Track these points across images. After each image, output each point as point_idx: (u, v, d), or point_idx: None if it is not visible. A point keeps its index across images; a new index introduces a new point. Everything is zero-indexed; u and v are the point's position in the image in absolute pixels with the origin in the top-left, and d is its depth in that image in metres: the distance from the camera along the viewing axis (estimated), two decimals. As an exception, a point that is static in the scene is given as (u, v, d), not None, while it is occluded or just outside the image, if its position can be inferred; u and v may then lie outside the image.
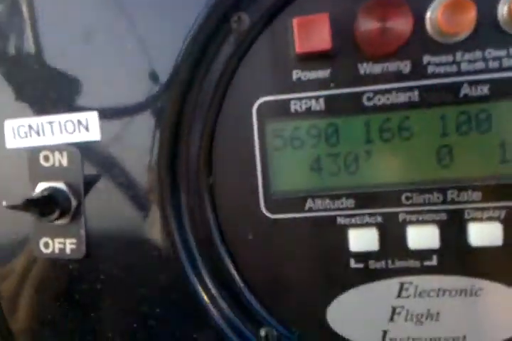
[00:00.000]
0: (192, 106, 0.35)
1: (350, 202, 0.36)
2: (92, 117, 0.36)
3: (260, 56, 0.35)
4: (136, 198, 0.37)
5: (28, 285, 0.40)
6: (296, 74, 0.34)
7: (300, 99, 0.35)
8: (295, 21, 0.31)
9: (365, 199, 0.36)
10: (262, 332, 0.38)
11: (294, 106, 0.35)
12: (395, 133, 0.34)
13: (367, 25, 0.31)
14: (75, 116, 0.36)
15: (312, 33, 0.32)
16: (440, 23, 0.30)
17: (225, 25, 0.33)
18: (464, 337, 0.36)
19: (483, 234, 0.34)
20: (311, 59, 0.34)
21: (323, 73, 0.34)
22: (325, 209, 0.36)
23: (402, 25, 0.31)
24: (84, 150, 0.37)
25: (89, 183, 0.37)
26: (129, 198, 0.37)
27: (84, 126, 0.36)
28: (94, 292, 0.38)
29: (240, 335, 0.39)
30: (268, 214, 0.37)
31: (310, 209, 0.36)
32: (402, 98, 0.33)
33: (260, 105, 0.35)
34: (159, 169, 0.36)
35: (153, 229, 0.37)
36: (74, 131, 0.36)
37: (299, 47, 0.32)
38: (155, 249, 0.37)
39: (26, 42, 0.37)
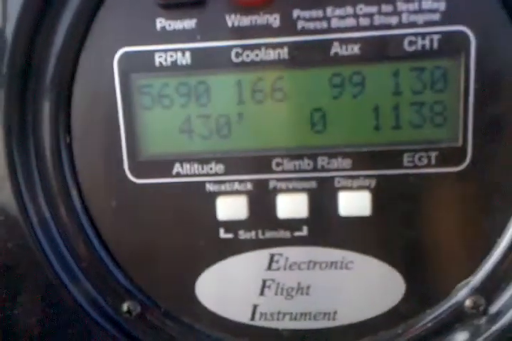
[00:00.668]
0: (41, 53, 0.33)
1: (220, 168, 0.35)
2: None
3: (121, 1, 0.34)
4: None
5: None
6: (159, 23, 0.33)
7: (165, 51, 0.34)
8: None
9: (236, 164, 0.35)
10: (124, 307, 0.37)
11: (158, 59, 0.34)
12: (267, 94, 0.34)
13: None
14: None
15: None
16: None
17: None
18: (335, 313, 0.37)
19: (351, 203, 0.34)
20: (176, 6, 0.33)
21: (189, 23, 0.33)
22: (193, 175, 0.36)
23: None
24: None
25: None
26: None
27: None
28: None
29: (100, 310, 0.37)
30: (133, 179, 0.37)
31: (178, 174, 0.36)
32: (271, 55, 0.33)
33: (122, 56, 0.34)
34: (5, 127, 0.33)
35: (2, 193, 0.35)
36: None
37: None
38: (2, 213, 0.35)
39: None
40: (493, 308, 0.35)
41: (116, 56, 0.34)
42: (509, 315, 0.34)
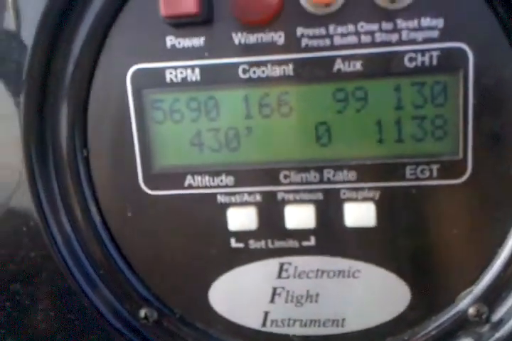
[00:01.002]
0: (58, 72, 0.36)
1: (230, 180, 0.37)
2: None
3: (132, 19, 0.35)
4: (5, 172, 0.37)
5: None
6: (169, 40, 0.35)
7: (175, 67, 0.36)
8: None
9: (245, 177, 0.37)
10: (142, 313, 0.40)
11: (169, 76, 0.36)
12: (274, 108, 0.36)
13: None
14: None
15: (177, -6, 0.32)
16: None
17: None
18: (344, 320, 0.39)
19: (357, 214, 0.36)
20: (184, 25, 0.35)
21: (197, 41, 0.35)
22: (205, 187, 0.38)
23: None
24: None
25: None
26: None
27: None
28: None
29: (119, 316, 0.40)
30: (147, 191, 0.39)
31: (190, 186, 0.38)
32: (277, 72, 0.34)
33: (134, 73, 0.36)
34: (25, 139, 0.36)
35: (24, 205, 0.38)
36: None
37: (164, 9, 0.32)
38: (25, 224, 0.38)
39: None
40: (496, 316, 0.36)
41: (129, 73, 0.37)
42: (511, 323, 0.35)
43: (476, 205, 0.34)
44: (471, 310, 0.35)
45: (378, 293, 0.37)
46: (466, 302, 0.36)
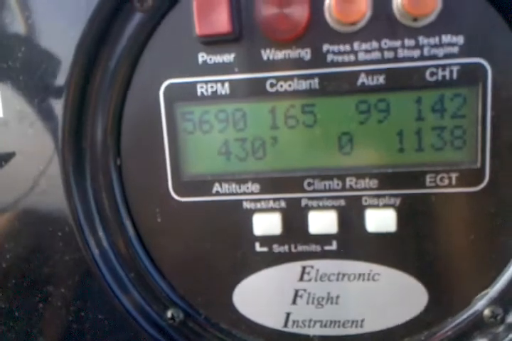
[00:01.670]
0: (96, 86, 0.36)
1: (256, 187, 0.37)
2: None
3: (166, 37, 0.36)
4: (42, 178, 0.37)
5: None
6: (201, 57, 0.35)
7: (206, 82, 0.36)
8: (195, 2, 0.31)
9: (270, 184, 0.37)
10: (168, 314, 0.39)
11: (200, 90, 0.36)
12: (299, 120, 0.35)
13: (266, 10, 0.33)
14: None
15: (211, 15, 0.32)
16: (335, 11, 0.31)
17: (128, 4, 0.34)
18: (363, 321, 0.38)
19: (378, 220, 0.36)
20: (216, 42, 0.35)
21: (227, 57, 0.35)
22: (231, 194, 0.37)
23: (299, 12, 0.32)
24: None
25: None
26: (33, 178, 0.37)
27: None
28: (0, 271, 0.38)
29: (147, 317, 0.39)
30: (177, 197, 0.38)
31: (217, 193, 0.38)
32: (303, 85, 0.34)
33: (167, 87, 0.36)
34: (63, 148, 0.36)
35: (60, 211, 0.38)
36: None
37: (199, 29, 0.32)
38: (60, 230, 0.37)
39: None
40: (510, 317, 0.36)
41: (162, 87, 0.36)
42: (525, 324, 0.34)
43: (492, 212, 0.34)
44: (487, 312, 0.35)
45: (397, 295, 0.37)
46: (481, 304, 0.36)
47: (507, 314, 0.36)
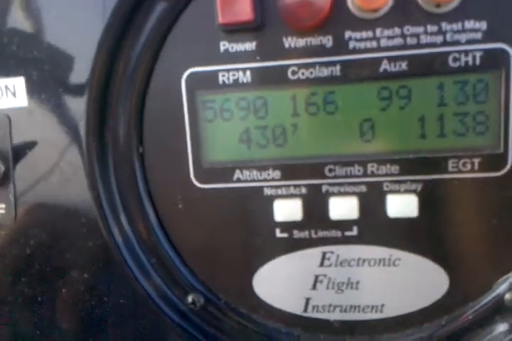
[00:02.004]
0: (119, 76, 0.35)
1: (277, 174, 0.36)
2: (19, 83, 0.36)
3: (188, 27, 0.35)
4: (65, 165, 0.37)
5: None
6: (223, 45, 0.35)
7: (228, 70, 0.35)
8: (217, -9, 0.31)
9: (291, 171, 0.37)
10: (189, 299, 0.39)
11: (222, 78, 0.35)
12: (320, 107, 0.35)
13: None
14: (2, 82, 0.36)
15: (234, 3, 0.32)
16: (358, -2, 0.30)
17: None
18: (383, 305, 0.38)
19: (399, 205, 0.35)
20: (238, 31, 0.34)
21: (249, 45, 0.34)
22: (252, 180, 0.37)
23: (321, -1, 0.31)
24: (13, 116, 0.37)
25: (19, 149, 0.37)
26: (56, 166, 0.37)
27: (11, 92, 0.36)
28: (24, 257, 0.38)
29: (168, 301, 0.39)
30: (198, 184, 0.38)
31: (238, 180, 0.37)
32: (325, 72, 0.34)
33: (189, 76, 0.36)
34: (87, 137, 0.35)
35: (84, 198, 0.37)
36: (1, 96, 0.36)
37: (222, 17, 0.32)
38: (83, 216, 0.37)
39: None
40: (531, 302, 0.34)
41: (184, 75, 0.36)
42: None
43: None
44: (508, 296, 0.35)
45: (417, 280, 0.36)
46: (502, 288, 0.35)
47: (528, 298, 0.34)
